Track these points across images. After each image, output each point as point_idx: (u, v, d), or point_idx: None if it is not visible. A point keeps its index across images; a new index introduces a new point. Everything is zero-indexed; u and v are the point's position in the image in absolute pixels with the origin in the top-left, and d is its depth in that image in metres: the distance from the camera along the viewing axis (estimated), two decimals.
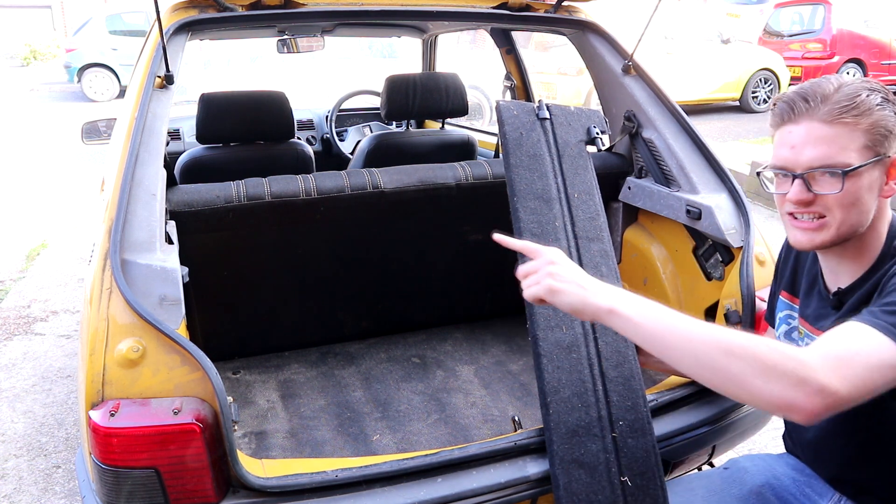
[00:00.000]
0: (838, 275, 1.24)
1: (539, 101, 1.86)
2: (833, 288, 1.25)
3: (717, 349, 0.95)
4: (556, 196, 1.68)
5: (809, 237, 1.17)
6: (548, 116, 1.81)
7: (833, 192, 1.12)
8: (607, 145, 2.33)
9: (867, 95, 1.12)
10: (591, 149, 1.96)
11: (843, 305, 1.22)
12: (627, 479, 1.40)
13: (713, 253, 1.96)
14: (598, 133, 1.90)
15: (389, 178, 2.14)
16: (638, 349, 1.56)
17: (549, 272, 1.09)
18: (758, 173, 1.26)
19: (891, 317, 1.01)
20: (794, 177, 1.15)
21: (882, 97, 1.13)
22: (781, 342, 1.15)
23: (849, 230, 1.15)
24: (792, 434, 1.44)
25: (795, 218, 1.18)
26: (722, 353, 0.95)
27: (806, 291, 1.34)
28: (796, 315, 1.36)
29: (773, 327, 1.46)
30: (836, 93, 1.12)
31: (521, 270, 1.15)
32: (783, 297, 1.42)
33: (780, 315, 1.42)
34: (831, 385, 0.92)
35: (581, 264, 1.61)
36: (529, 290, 1.12)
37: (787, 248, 1.41)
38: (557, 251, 1.13)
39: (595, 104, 9.73)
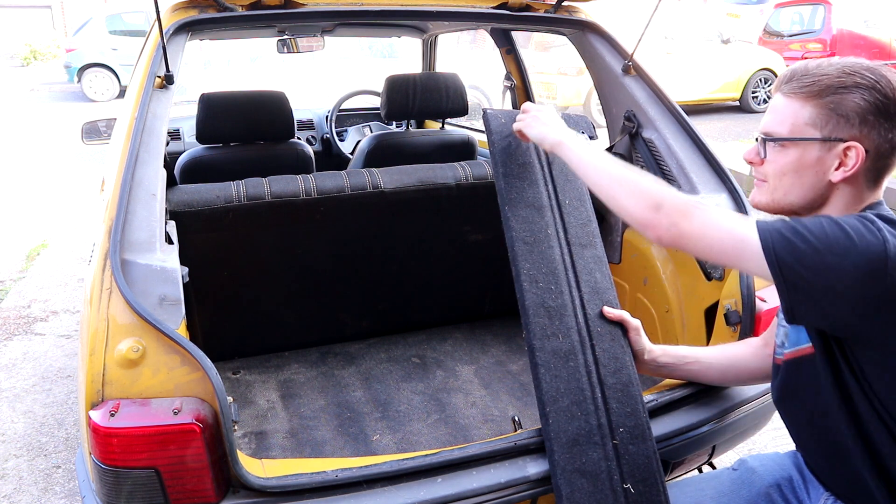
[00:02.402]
0: None
1: None
2: None
3: (614, 178, 1.28)
4: (548, 203, 1.66)
5: (753, 194, 1.28)
6: None
7: (760, 157, 1.22)
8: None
9: (838, 77, 1.13)
10: None
11: None
12: (630, 486, 1.40)
13: None
14: (586, 138, 1.88)
15: (389, 178, 2.14)
16: (634, 355, 1.56)
17: (531, 115, 1.54)
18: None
19: (781, 225, 1.10)
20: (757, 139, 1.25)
21: (857, 81, 1.11)
22: (672, 189, 1.26)
23: (782, 200, 1.21)
24: (790, 432, 1.44)
25: None
26: (616, 181, 1.27)
27: None
28: None
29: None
30: (811, 72, 1.16)
31: (519, 116, 1.60)
32: None
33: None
34: (681, 227, 1.16)
35: (575, 270, 1.60)
36: (516, 125, 1.60)
37: None
38: (546, 108, 1.57)
39: (595, 104, 9.75)
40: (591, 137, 1.88)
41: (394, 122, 4.00)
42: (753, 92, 10.70)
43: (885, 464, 1.15)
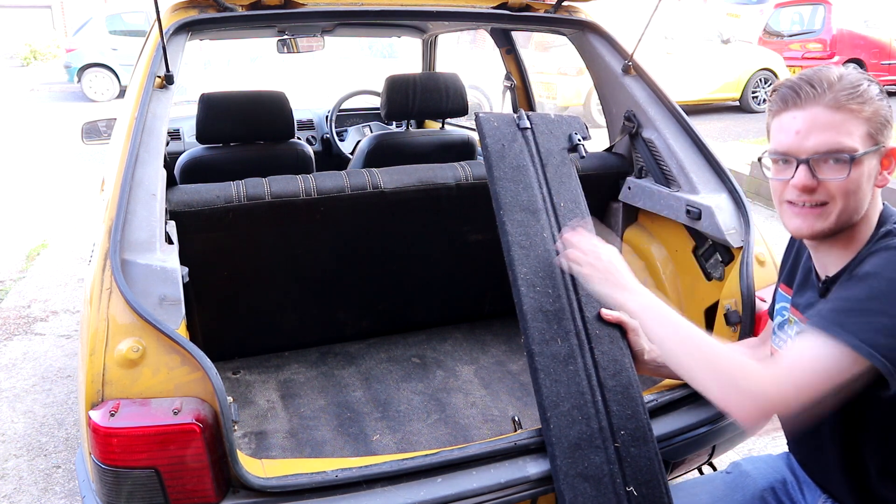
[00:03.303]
0: (827, 265, 1.23)
1: (519, 111, 1.84)
2: (822, 276, 1.25)
3: (690, 354, 1.17)
4: (543, 206, 1.66)
5: (809, 224, 1.15)
6: (528, 126, 1.78)
7: (839, 178, 1.10)
8: (590, 151, 2.32)
9: (868, 85, 1.13)
10: (573, 155, 1.92)
11: (828, 293, 1.21)
12: (633, 489, 1.39)
13: (713, 253, 1.96)
14: (579, 140, 1.86)
15: (389, 178, 2.14)
16: (634, 356, 1.56)
17: (599, 269, 1.37)
18: (759, 159, 1.25)
19: (833, 311, 1.06)
20: (799, 162, 1.13)
21: (879, 89, 1.14)
22: (743, 355, 1.16)
23: (847, 218, 1.15)
24: (786, 435, 1.45)
25: (795, 205, 1.17)
26: (691, 357, 1.16)
27: (801, 283, 1.34)
28: (789, 306, 1.36)
29: (772, 320, 1.46)
30: (839, 80, 1.12)
31: (572, 242, 1.45)
32: (780, 290, 1.42)
33: (777, 307, 1.42)
34: (767, 393, 1.06)
35: (571, 273, 1.60)
36: (572, 262, 1.44)
37: (791, 242, 1.41)
38: (612, 254, 1.39)
39: (595, 104, 9.74)
40: (584, 138, 1.86)
41: (394, 122, 4.00)
42: (753, 92, 10.70)
43: (869, 487, 1.17)
